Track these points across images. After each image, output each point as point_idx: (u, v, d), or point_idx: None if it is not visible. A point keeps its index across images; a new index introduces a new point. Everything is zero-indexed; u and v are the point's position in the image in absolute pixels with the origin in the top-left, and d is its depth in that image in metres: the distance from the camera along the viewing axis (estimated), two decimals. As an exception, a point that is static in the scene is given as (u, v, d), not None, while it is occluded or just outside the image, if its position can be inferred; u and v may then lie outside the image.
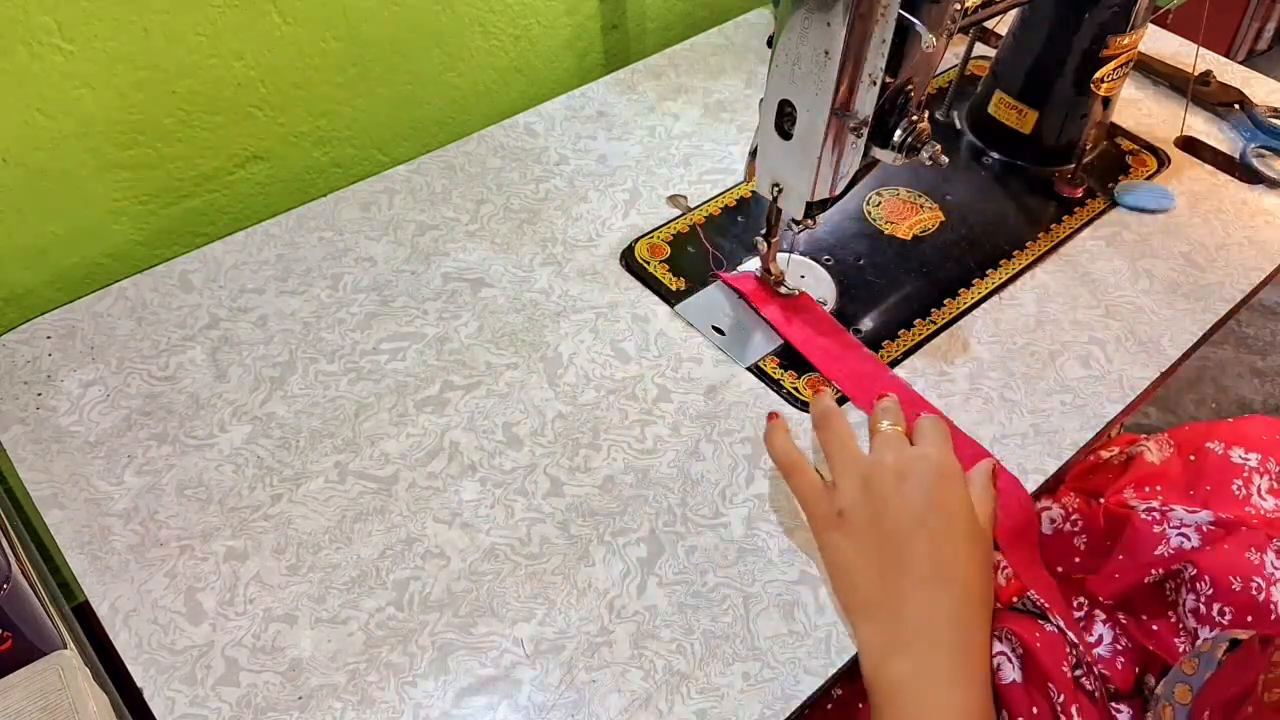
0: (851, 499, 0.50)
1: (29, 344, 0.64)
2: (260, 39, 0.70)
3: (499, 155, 0.78)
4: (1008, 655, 0.58)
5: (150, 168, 0.71)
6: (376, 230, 0.72)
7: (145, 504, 0.56)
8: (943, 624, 0.47)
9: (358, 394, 0.61)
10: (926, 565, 0.47)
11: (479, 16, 0.81)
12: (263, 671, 0.49)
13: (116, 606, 0.51)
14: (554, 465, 0.58)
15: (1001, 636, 0.58)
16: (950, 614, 0.47)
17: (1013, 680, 0.57)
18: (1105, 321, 0.65)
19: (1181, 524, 0.63)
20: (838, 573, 0.50)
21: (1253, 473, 0.66)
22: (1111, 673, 0.61)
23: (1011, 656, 0.58)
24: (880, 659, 0.47)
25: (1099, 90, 0.71)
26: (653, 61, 0.87)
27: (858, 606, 0.49)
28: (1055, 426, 0.59)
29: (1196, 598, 0.60)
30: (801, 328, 0.64)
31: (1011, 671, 0.57)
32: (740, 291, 0.66)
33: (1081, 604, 0.65)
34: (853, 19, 0.46)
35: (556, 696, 0.48)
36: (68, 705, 0.46)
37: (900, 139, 0.52)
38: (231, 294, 0.67)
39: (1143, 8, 0.66)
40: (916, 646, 0.46)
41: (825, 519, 0.50)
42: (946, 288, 0.67)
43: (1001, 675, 0.57)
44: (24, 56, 0.61)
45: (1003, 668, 0.58)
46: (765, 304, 0.65)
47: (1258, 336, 1.55)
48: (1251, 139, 0.78)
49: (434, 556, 0.53)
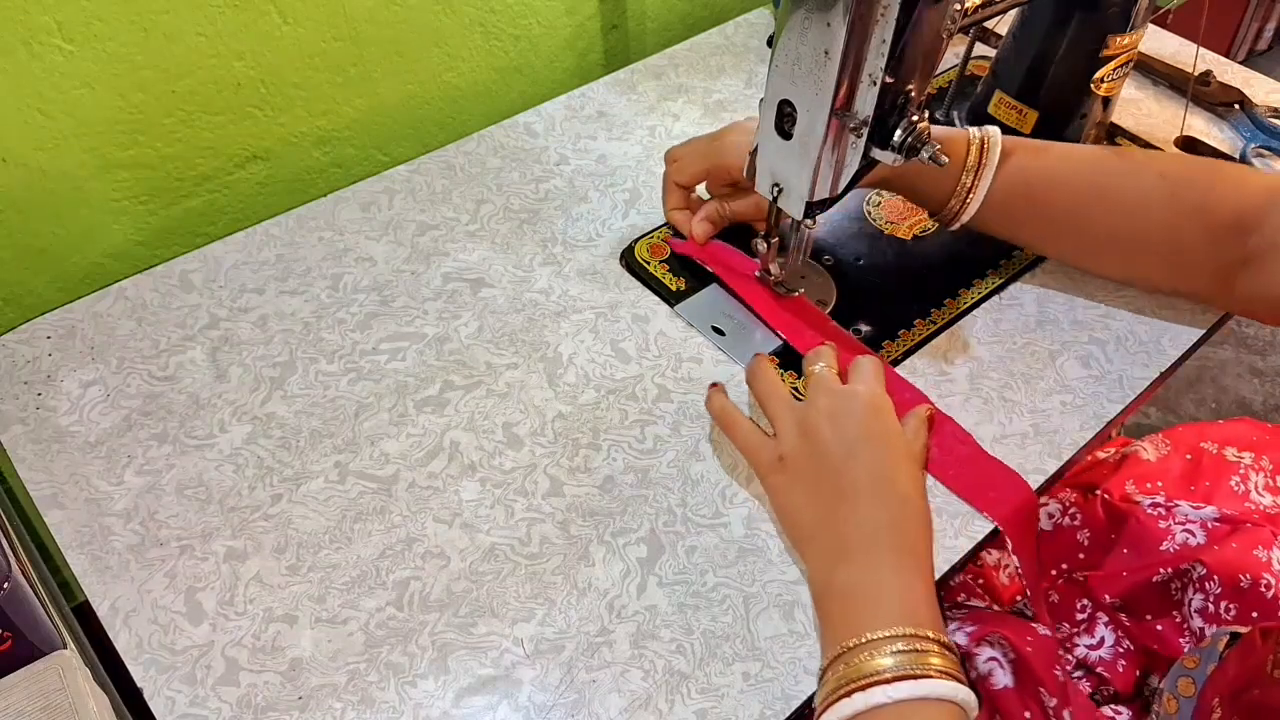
0: (790, 443, 0.52)
1: (29, 344, 0.64)
2: (260, 39, 0.70)
3: (499, 155, 0.78)
4: (999, 661, 0.58)
5: (150, 168, 0.71)
6: (376, 230, 0.72)
7: (145, 504, 0.56)
8: (883, 531, 0.49)
9: (358, 394, 0.61)
10: (863, 485, 0.50)
11: (479, 16, 0.81)
12: (263, 671, 0.49)
13: (116, 606, 0.51)
14: (554, 465, 0.58)
15: (993, 642, 0.58)
16: (889, 521, 0.49)
17: (1004, 685, 0.57)
18: (1105, 321, 0.65)
19: (1187, 520, 0.63)
20: (784, 512, 0.52)
21: (1248, 470, 0.66)
22: (1112, 675, 0.61)
23: (1003, 662, 0.58)
24: (826, 574, 0.49)
25: (1099, 90, 0.71)
26: (653, 61, 0.87)
27: (803, 536, 0.51)
28: (1055, 426, 0.59)
29: (1205, 597, 0.60)
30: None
31: (1003, 676, 0.57)
32: (695, 258, 0.68)
33: (1085, 606, 0.65)
34: (853, 19, 0.46)
35: (556, 696, 0.48)
36: (68, 705, 0.46)
37: (900, 139, 0.52)
38: (231, 294, 0.67)
39: (1143, 8, 0.66)
40: (859, 554, 0.48)
41: (768, 465, 0.53)
42: (946, 288, 0.67)
43: (993, 681, 0.57)
44: (24, 56, 0.61)
45: (994, 673, 0.58)
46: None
47: (1258, 336, 1.55)
48: (1251, 139, 0.78)
49: (434, 556, 0.53)
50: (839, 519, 0.49)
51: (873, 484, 0.50)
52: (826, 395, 0.53)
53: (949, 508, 0.55)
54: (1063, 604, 0.65)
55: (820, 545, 0.50)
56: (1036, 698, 0.57)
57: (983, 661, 0.58)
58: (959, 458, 0.57)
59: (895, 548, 0.48)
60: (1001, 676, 0.57)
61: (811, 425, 0.52)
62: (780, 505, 0.53)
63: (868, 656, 0.44)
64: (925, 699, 0.43)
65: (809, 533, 0.51)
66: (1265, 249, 0.55)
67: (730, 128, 0.64)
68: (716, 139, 0.64)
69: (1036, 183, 0.60)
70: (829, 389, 0.53)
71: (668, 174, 0.67)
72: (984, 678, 0.58)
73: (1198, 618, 0.60)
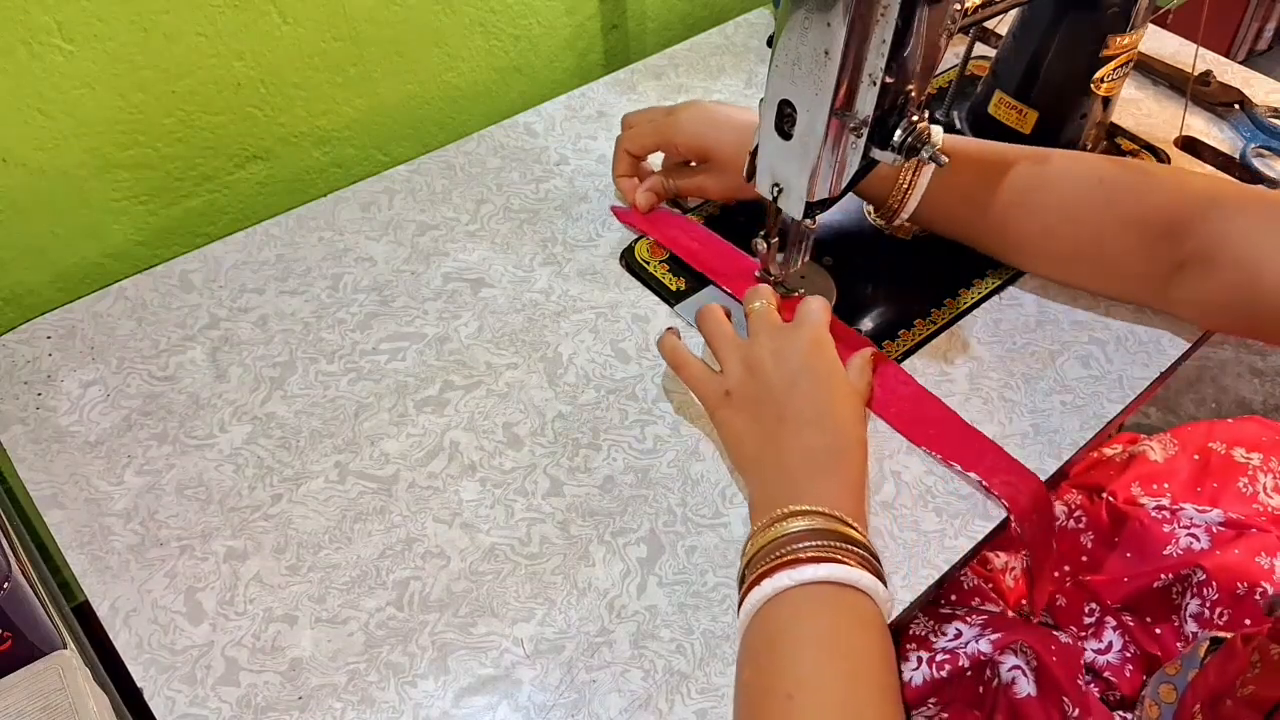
0: (736, 378, 0.55)
1: (29, 344, 0.64)
2: (260, 39, 0.70)
3: (499, 155, 0.78)
4: (1022, 669, 0.58)
5: (150, 168, 0.71)
6: (376, 230, 0.72)
7: (145, 504, 0.56)
8: (821, 455, 0.51)
9: (358, 394, 0.61)
10: (805, 414, 0.52)
11: (479, 16, 0.81)
12: (263, 671, 0.49)
13: (116, 606, 0.51)
14: (554, 465, 0.58)
15: (1017, 650, 0.58)
16: (827, 447, 0.51)
17: (1027, 694, 0.57)
18: (1105, 321, 0.65)
19: (1191, 523, 0.63)
20: (730, 441, 0.55)
21: (1257, 471, 0.66)
22: (1119, 679, 0.61)
23: (1026, 670, 0.58)
24: (766, 495, 0.51)
25: (1099, 90, 0.71)
26: (653, 61, 0.87)
27: (747, 462, 0.53)
28: (1055, 426, 0.59)
29: (1201, 602, 0.60)
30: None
31: (1026, 685, 0.57)
32: (636, 226, 0.70)
33: (1093, 610, 0.65)
34: (853, 19, 0.46)
35: (556, 696, 0.48)
36: (68, 705, 0.46)
37: (900, 139, 0.52)
38: (231, 294, 0.67)
39: (1143, 8, 0.66)
40: (798, 475, 0.50)
41: (716, 399, 0.55)
42: (946, 288, 0.67)
43: (1016, 689, 0.57)
44: (24, 56, 0.61)
45: (1017, 681, 0.58)
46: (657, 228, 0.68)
47: (1258, 336, 1.55)
48: (1251, 139, 0.78)
49: (434, 556, 0.53)
50: (781, 444, 0.51)
51: (814, 413, 0.52)
52: (769, 332, 0.55)
53: (949, 508, 0.55)
54: (1070, 608, 0.65)
55: (761, 468, 0.52)
56: (1059, 706, 0.56)
57: (1006, 670, 0.58)
58: (901, 396, 0.59)
59: (832, 471, 0.50)
60: (1025, 685, 0.57)
61: (756, 360, 0.54)
62: (726, 436, 0.55)
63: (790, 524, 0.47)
64: (844, 584, 0.44)
65: (752, 458, 0.53)
66: (1198, 256, 0.55)
67: (685, 105, 0.65)
68: (670, 114, 0.65)
69: (974, 183, 0.61)
70: (771, 326, 0.56)
71: (620, 139, 0.69)
72: (1007, 686, 0.58)
73: (1192, 623, 0.60)
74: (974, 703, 0.60)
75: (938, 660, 0.60)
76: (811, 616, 0.44)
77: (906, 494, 0.56)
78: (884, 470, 0.57)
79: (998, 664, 0.58)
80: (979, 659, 0.59)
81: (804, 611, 0.44)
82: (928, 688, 0.60)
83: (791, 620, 0.44)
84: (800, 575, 0.44)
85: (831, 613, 0.44)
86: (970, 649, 0.59)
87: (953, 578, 0.66)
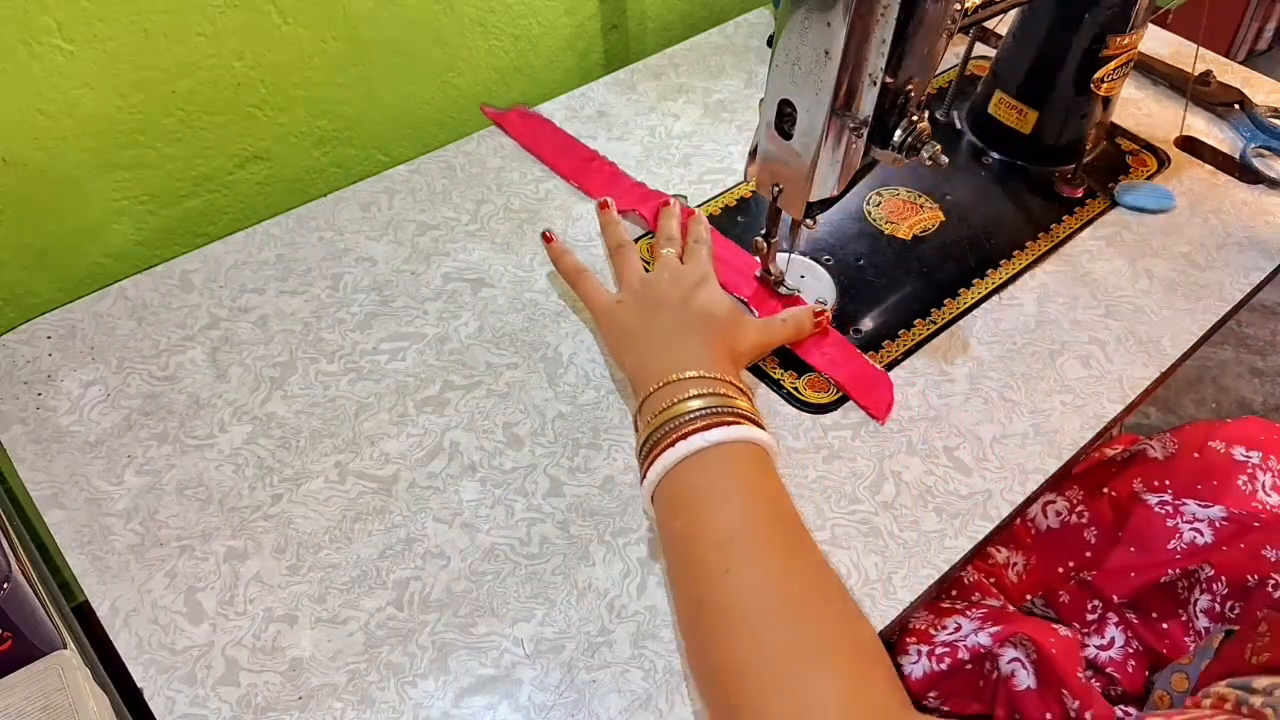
0: (629, 291, 0.60)
1: (29, 344, 0.64)
2: (260, 39, 0.70)
3: (499, 155, 0.78)
4: (1022, 661, 0.58)
5: (150, 168, 0.71)
6: (376, 230, 0.72)
7: (145, 504, 0.56)
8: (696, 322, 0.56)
9: (358, 394, 0.61)
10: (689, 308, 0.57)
11: (479, 16, 0.81)
12: (263, 671, 0.49)
13: (116, 606, 0.51)
14: (554, 465, 0.58)
15: (1017, 643, 0.58)
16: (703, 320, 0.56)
17: (1027, 686, 0.57)
18: (1105, 321, 0.65)
19: (1194, 518, 0.63)
20: (612, 333, 0.58)
21: (1256, 469, 0.66)
22: (1122, 675, 0.61)
23: (1026, 663, 0.58)
24: (641, 365, 0.54)
25: (1099, 90, 0.71)
26: (653, 61, 0.87)
27: (624, 347, 0.57)
28: (1055, 426, 0.59)
29: (1212, 598, 0.60)
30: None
31: (1026, 678, 0.57)
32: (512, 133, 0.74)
33: (1095, 606, 0.65)
34: (853, 19, 0.46)
35: (556, 696, 0.48)
36: (68, 705, 0.46)
37: (900, 139, 0.52)
38: (231, 294, 0.67)
39: (1143, 8, 0.67)
40: (674, 341, 0.54)
41: (605, 306, 0.60)
42: (946, 288, 0.67)
43: (1015, 682, 0.57)
44: (24, 56, 0.61)
45: (1016, 674, 0.58)
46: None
47: (1258, 336, 1.55)
48: (1251, 139, 0.78)
49: (434, 556, 0.53)
50: (659, 323, 0.56)
51: (699, 309, 0.57)
52: (669, 268, 0.61)
53: (949, 507, 0.55)
54: (1073, 604, 0.65)
55: (639, 346, 0.56)
56: (1059, 699, 0.56)
57: (1005, 663, 0.58)
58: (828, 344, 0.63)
59: (705, 335, 0.55)
60: (1024, 677, 0.57)
61: (651, 279, 0.60)
62: (610, 330, 0.59)
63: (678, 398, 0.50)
64: (736, 441, 0.48)
65: (629, 336, 0.57)
66: None
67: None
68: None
69: None
70: (673, 266, 0.61)
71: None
72: (1006, 679, 0.58)
73: (1203, 618, 0.60)
74: (974, 695, 0.60)
75: (937, 653, 0.60)
76: (728, 469, 0.48)
77: (906, 494, 0.56)
78: (884, 470, 0.57)
79: (997, 656, 0.58)
80: (979, 651, 0.59)
81: (719, 467, 0.48)
82: (928, 680, 0.60)
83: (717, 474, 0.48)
84: (711, 437, 0.48)
85: (742, 464, 0.48)
86: (970, 642, 0.59)
87: (952, 577, 0.66)
